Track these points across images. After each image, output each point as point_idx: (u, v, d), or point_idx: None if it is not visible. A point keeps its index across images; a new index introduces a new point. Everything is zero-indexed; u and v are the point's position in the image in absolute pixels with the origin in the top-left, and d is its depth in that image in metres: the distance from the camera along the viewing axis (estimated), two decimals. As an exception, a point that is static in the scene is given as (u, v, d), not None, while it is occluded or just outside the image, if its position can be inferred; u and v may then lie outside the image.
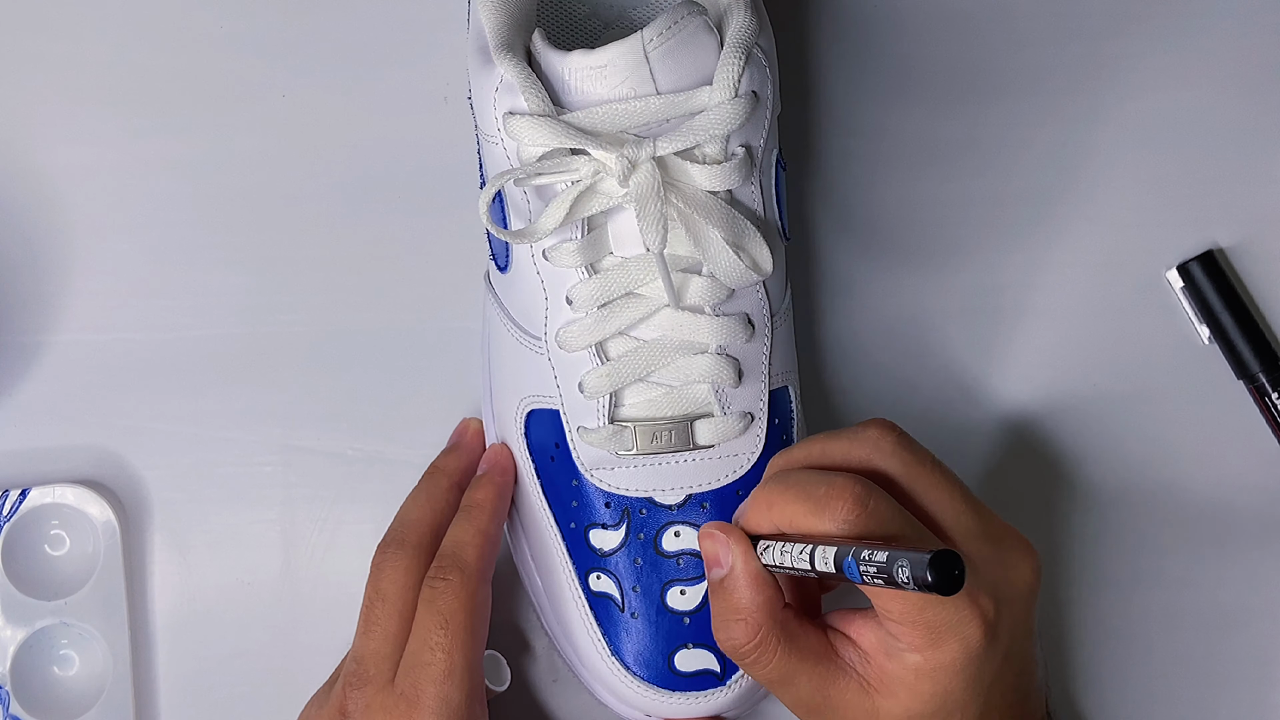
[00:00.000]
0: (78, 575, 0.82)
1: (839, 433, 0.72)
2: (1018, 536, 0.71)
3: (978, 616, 0.67)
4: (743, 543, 0.71)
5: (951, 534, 0.69)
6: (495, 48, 0.71)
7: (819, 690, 0.70)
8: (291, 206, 0.84)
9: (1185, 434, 0.84)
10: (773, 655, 0.70)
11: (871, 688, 0.69)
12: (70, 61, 0.84)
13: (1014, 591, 0.69)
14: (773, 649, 0.70)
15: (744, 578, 0.70)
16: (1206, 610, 0.84)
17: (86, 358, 0.83)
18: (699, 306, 0.74)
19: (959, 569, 0.60)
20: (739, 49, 0.70)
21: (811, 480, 0.69)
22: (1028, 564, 0.70)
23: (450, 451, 0.81)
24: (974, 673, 0.68)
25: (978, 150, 0.85)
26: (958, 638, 0.67)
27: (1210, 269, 0.83)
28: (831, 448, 0.72)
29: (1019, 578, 0.70)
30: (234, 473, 0.83)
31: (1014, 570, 0.70)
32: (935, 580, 0.60)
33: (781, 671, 0.70)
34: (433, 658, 0.73)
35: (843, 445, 0.71)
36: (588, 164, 0.70)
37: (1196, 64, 0.85)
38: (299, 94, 0.84)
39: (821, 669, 0.70)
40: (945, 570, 0.60)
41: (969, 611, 0.67)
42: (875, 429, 0.71)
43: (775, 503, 0.70)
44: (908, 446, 0.71)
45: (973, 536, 0.69)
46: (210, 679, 0.83)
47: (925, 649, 0.67)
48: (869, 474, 0.70)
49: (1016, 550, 0.70)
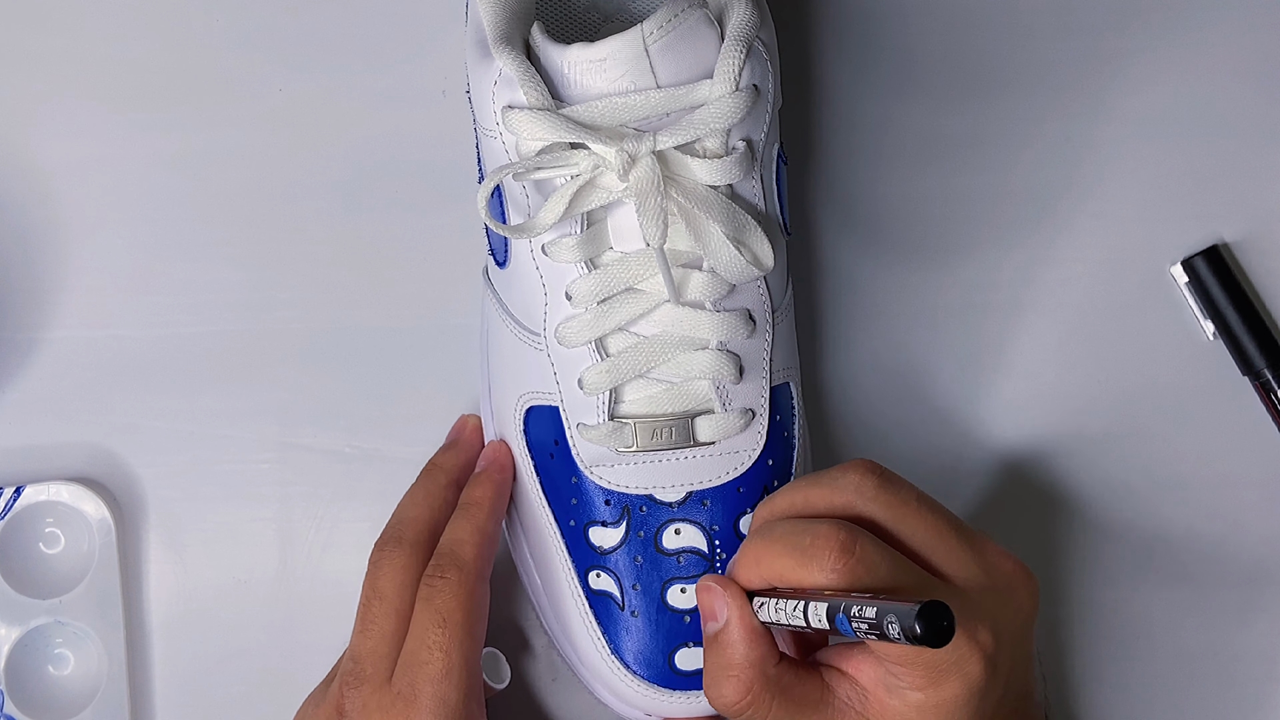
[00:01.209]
0: (73, 574, 0.82)
1: (819, 477, 0.71)
2: (1015, 564, 0.70)
3: (978, 652, 0.66)
4: (738, 597, 0.70)
5: (944, 571, 0.69)
6: (494, 41, 0.71)
7: None
8: (288, 202, 0.84)
9: (1190, 430, 0.84)
10: (765, 712, 0.69)
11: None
12: (65, 56, 0.84)
13: (1013, 621, 0.69)
14: (765, 706, 0.69)
15: (738, 632, 0.69)
16: (1211, 608, 0.83)
17: (81, 354, 0.83)
18: (699, 302, 0.74)
19: (948, 620, 0.60)
20: (740, 42, 0.70)
21: (796, 531, 0.68)
22: (1025, 591, 0.70)
23: (448, 449, 0.81)
24: (976, 706, 0.67)
25: (981, 145, 0.85)
26: (959, 675, 0.67)
27: (1215, 264, 0.83)
28: (813, 495, 0.71)
29: (1017, 607, 0.69)
30: (230, 470, 0.83)
31: (1011, 600, 0.69)
32: (924, 633, 0.60)
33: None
34: (430, 657, 0.73)
35: (824, 492, 0.71)
36: (587, 158, 0.70)
37: (1201, 58, 0.85)
38: (296, 89, 0.84)
39: (818, 717, 0.69)
40: (934, 622, 0.60)
41: (968, 649, 0.66)
42: (856, 473, 0.70)
43: (763, 558, 0.69)
44: (891, 487, 0.70)
45: (967, 571, 0.69)
46: (206, 678, 0.83)
47: (927, 688, 0.67)
48: (854, 518, 0.69)
49: (1013, 579, 0.70)
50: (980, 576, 0.69)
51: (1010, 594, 0.69)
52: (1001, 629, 0.68)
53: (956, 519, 0.70)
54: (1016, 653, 0.69)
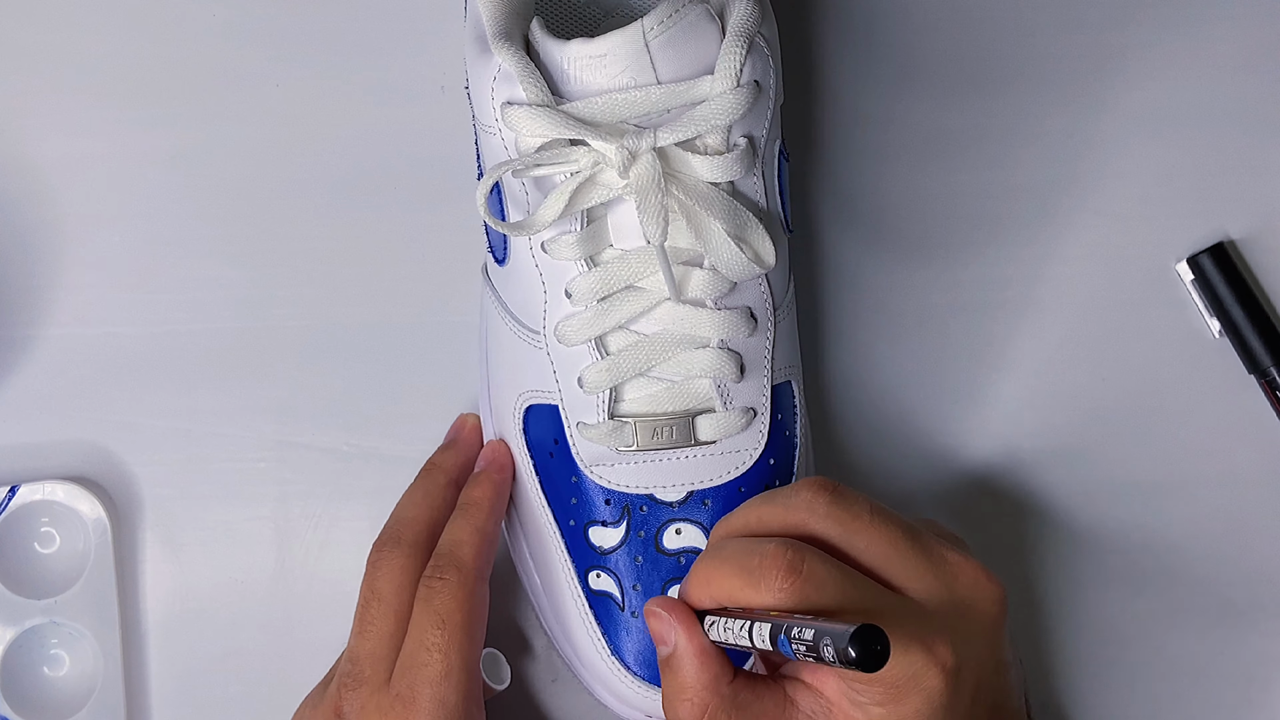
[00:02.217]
0: (68, 573, 0.81)
1: (773, 495, 0.71)
2: (976, 571, 0.69)
3: (935, 667, 0.66)
4: (685, 619, 0.69)
5: (900, 585, 0.68)
6: (493, 36, 0.71)
7: None
8: (286, 198, 0.84)
9: (1195, 429, 0.84)
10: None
11: None
12: (61, 52, 0.84)
13: (975, 630, 0.68)
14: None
15: (687, 656, 0.69)
16: (1216, 608, 0.83)
17: (77, 352, 0.83)
18: (700, 300, 0.74)
19: (881, 644, 0.59)
20: (741, 38, 0.70)
21: (744, 551, 0.68)
22: (988, 598, 0.69)
23: (447, 448, 0.81)
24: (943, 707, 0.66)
25: (984, 142, 0.84)
26: (918, 690, 0.66)
27: (1220, 261, 0.83)
28: (766, 513, 0.70)
29: (979, 615, 0.69)
30: (227, 469, 0.83)
31: (972, 609, 0.69)
32: (858, 656, 0.59)
33: None
34: (429, 658, 0.73)
35: (777, 510, 0.70)
36: (587, 155, 0.70)
37: (1205, 53, 0.85)
38: (293, 85, 0.84)
39: None
40: (867, 646, 0.59)
41: (926, 663, 0.66)
42: (808, 490, 0.69)
43: (712, 578, 0.69)
44: (842, 503, 0.69)
45: (923, 583, 0.68)
46: (203, 679, 0.82)
47: (887, 704, 0.66)
48: (806, 537, 0.69)
49: (975, 587, 0.69)
50: (938, 589, 0.68)
51: (972, 604, 0.69)
52: (963, 641, 0.67)
53: (914, 531, 0.69)
54: (983, 664, 0.68)
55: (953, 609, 0.68)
